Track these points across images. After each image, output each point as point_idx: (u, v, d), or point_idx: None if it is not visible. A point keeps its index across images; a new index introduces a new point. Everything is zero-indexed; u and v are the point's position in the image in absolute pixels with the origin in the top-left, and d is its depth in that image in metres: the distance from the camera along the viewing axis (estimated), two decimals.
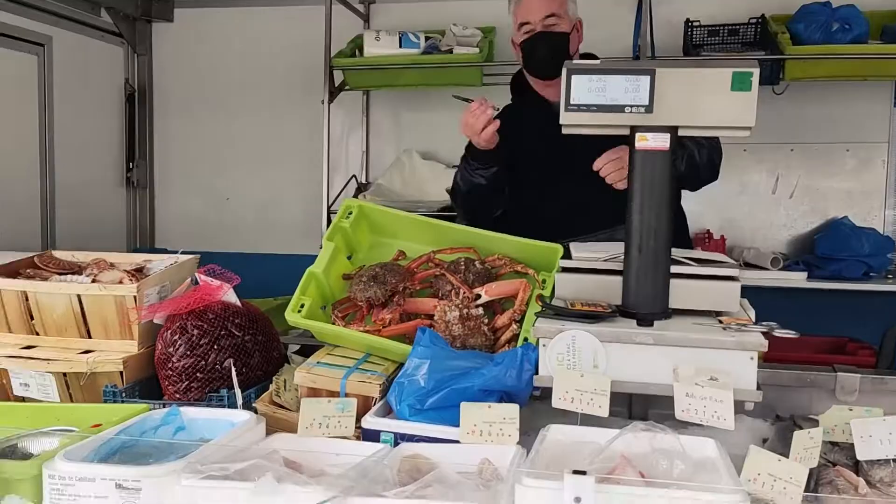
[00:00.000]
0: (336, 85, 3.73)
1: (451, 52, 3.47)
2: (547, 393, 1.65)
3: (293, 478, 1.25)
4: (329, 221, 3.76)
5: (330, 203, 3.78)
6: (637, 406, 1.86)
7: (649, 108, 1.67)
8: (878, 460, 1.53)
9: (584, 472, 1.15)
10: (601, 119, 1.70)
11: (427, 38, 3.54)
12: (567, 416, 1.62)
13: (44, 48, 3.71)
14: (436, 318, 1.96)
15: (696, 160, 2.34)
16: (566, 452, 1.48)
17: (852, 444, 1.59)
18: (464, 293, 1.98)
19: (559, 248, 2.01)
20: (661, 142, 1.69)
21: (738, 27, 3.47)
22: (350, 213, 2.19)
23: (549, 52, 2.51)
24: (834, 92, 3.49)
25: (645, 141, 1.70)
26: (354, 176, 4.13)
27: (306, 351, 2.24)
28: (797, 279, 3.16)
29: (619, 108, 1.69)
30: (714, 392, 1.53)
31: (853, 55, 3.11)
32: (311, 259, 4.05)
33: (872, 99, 3.56)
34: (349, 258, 2.22)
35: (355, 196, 4.04)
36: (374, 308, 2.05)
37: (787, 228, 3.70)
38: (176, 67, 4.53)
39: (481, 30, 3.61)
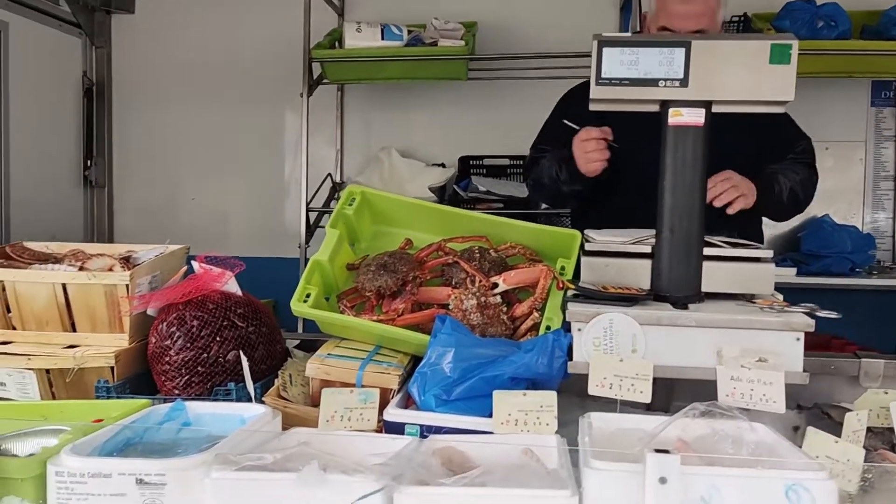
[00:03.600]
0: (314, 79, 3.60)
1: (435, 44, 3.38)
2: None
3: (340, 466, 1.13)
4: (308, 220, 3.62)
5: (308, 201, 3.63)
6: (659, 397, 1.79)
7: (684, 82, 1.61)
8: None
9: (667, 452, 1.06)
10: (633, 94, 1.64)
11: (409, 32, 3.45)
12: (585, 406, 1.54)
13: (0, 34, 3.49)
14: (451, 306, 1.86)
15: (796, 193, 2.22)
16: (612, 440, 1.39)
17: (887, 429, 1.55)
18: (480, 281, 1.89)
19: (577, 233, 1.94)
20: (696, 117, 1.63)
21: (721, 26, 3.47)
22: (353, 199, 2.07)
23: None
24: (813, 90, 3.52)
25: (679, 116, 1.64)
26: (330, 175, 4.00)
27: (306, 346, 2.12)
28: (787, 274, 3.17)
29: (652, 82, 1.62)
30: (762, 374, 1.47)
31: (840, 51, 3.14)
32: (283, 261, 3.91)
33: (850, 98, 3.62)
34: (351, 247, 2.10)
35: (331, 196, 3.91)
36: (384, 298, 1.93)
37: (769, 227, 3.71)
38: (136, 61, 4.32)
39: (463, 24, 3.54)
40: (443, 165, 3.93)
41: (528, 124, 3.95)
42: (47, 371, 1.75)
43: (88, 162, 4.25)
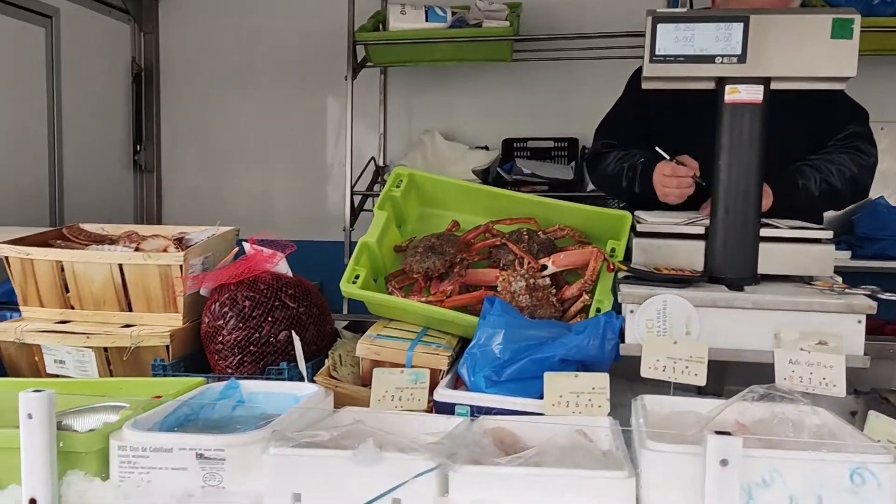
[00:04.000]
0: (358, 62, 3.60)
1: (479, 26, 3.35)
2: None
3: (396, 444, 1.14)
4: (353, 204, 3.63)
5: (353, 185, 3.64)
6: (710, 381, 1.76)
7: (742, 58, 1.57)
8: None
9: (728, 433, 1.04)
10: (688, 71, 1.60)
11: (453, 13, 3.42)
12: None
13: (51, 20, 3.55)
14: (499, 288, 1.85)
15: (832, 184, 2.07)
16: (667, 423, 1.38)
17: None
18: (528, 263, 1.87)
19: (628, 215, 1.91)
20: (754, 94, 1.59)
21: None
22: (400, 181, 2.07)
23: None
24: (867, 68, 3.40)
25: (736, 93, 1.60)
26: (373, 158, 4.00)
27: (354, 327, 2.13)
28: (841, 258, 3.08)
29: (708, 59, 1.59)
30: (822, 357, 1.43)
31: None
32: (326, 245, 3.93)
33: None
34: (398, 229, 2.11)
35: (374, 179, 3.92)
36: (432, 280, 1.93)
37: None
38: (183, 46, 4.37)
39: (507, 5, 3.50)
40: (486, 148, 3.91)
41: (573, 106, 3.93)
42: (105, 349, 1.79)
43: (138, 146, 4.32)
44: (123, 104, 4.26)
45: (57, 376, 1.84)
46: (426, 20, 3.37)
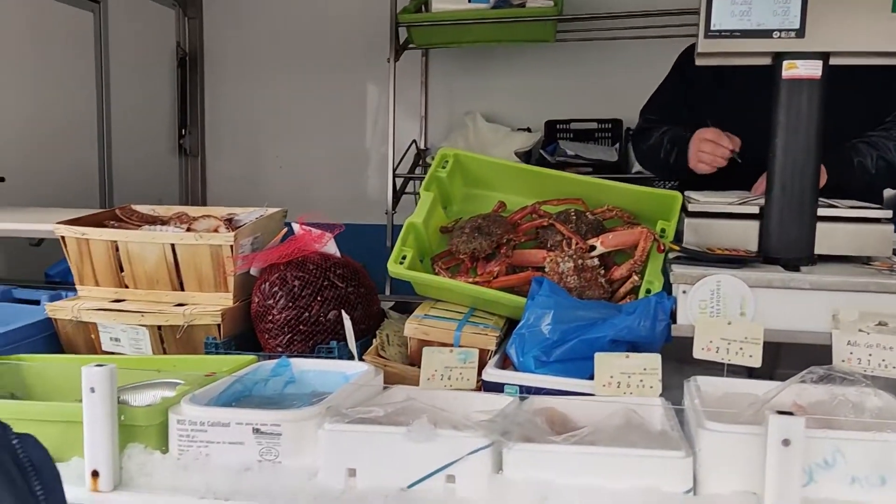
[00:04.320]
0: (400, 44, 3.59)
1: (523, 6, 3.32)
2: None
3: (450, 421, 1.14)
4: (395, 187, 3.64)
5: (395, 168, 3.65)
6: (763, 363, 1.73)
7: (800, 33, 1.53)
8: None
9: (791, 413, 1.03)
10: (745, 46, 1.57)
11: None
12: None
13: (99, 5, 3.60)
14: (547, 269, 1.84)
15: (890, 161, 2.02)
16: (722, 404, 1.36)
17: None
18: (577, 244, 1.86)
19: (678, 195, 1.88)
20: (812, 69, 1.55)
21: None
22: (446, 162, 2.06)
23: None
24: None
25: (794, 69, 1.56)
26: (414, 141, 4.00)
27: (400, 308, 2.14)
28: None
29: (765, 34, 1.55)
30: (883, 339, 1.40)
31: None
32: (367, 228, 3.94)
33: None
34: (444, 210, 2.10)
35: (415, 162, 3.92)
36: (478, 261, 1.93)
37: None
38: (226, 31, 4.41)
39: None
40: (528, 130, 3.88)
41: (616, 86, 3.87)
42: (158, 327, 1.83)
43: (183, 131, 4.38)
44: (169, 89, 4.32)
45: (112, 354, 1.88)
46: (469, 1, 3.35)
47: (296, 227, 1.89)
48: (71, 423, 1.26)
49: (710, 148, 1.95)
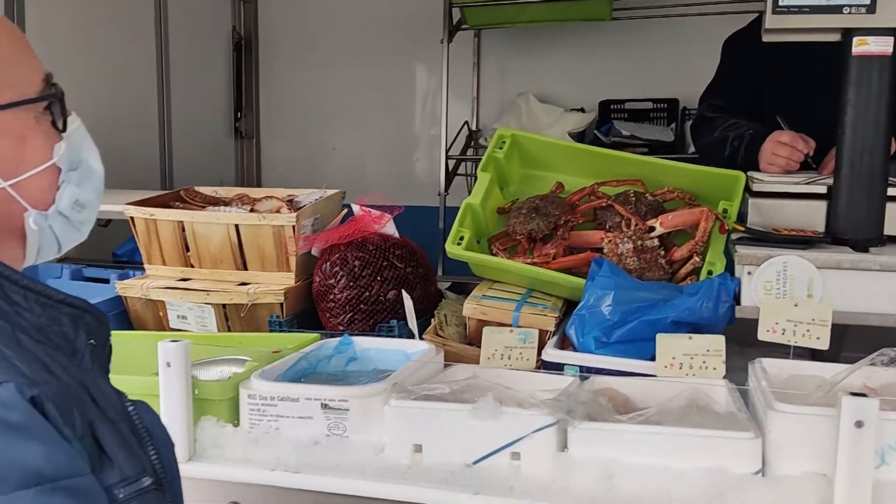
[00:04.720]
0: (453, 24, 3.58)
1: None
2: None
3: (515, 399, 1.15)
4: (447, 169, 3.64)
5: (447, 149, 3.65)
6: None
7: (871, 8, 1.48)
8: None
9: (864, 395, 1.01)
10: (814, 21, 1.52)
11: None
12: None
13: None
14: (606, 250, 1.83)
15: None
16: (788, 385, 1.34)
17: None
18: (636, 224, 1.84)
19: (741, 175, 1.85)
20: (884, 46, 1.50)
21: None
22: (503, 142, 2.06)
23: None
24: None
25: (865, 45, 1.51)
26: (466, 122, 4.00)
27: (456, 288, 2.16)
28: None
29: (835, 9, 1.51)
30: None
31: None
32: (419, 209, 3.96)
33: None
34: (501, 191, 2.11)
35: (467, 144, 3.91)
36: (536, 242, 1.93)
37: None
38: (281, 14, 4.45)
39: None
40: (582, 110, 3.84)
41: (672, 65, 3.80)
42: (223, 306, 1.88)
43: (238, 114, 4.45)
44: (225, 73, 4.39)
45: (179, 331, 1.94)
46: None
47: (355, 208, 1.92)
48: (146, 395, 1.30)
49: (786, 152, 1.91)
